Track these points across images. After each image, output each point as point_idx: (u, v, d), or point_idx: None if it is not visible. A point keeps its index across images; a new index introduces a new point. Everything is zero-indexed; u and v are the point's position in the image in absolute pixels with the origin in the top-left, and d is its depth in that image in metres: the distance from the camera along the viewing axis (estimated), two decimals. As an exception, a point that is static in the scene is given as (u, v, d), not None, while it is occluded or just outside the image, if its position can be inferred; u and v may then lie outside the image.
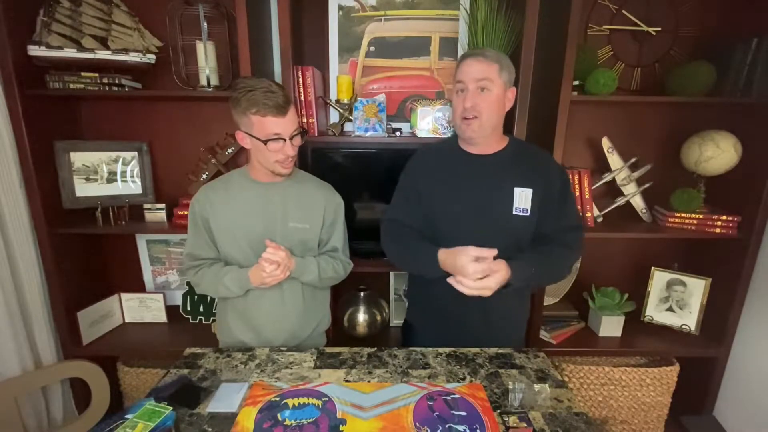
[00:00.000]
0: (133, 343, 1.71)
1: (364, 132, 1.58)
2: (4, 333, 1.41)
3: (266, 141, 1.08)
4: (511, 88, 1.14)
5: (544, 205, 1.15)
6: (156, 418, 0.82)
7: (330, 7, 1.69)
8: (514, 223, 1.14)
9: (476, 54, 1.10)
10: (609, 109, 1.76)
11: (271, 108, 1.04)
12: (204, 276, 1.20)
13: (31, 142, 1.44)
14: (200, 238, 1.21)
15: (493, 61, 1.09)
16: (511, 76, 1.13)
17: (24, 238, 1.47)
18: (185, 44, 1.63)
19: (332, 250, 1.30)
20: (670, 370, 1.66)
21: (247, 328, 1.26)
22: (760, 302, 1.60)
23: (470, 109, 1.10)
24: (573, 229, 1.18)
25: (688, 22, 1.67)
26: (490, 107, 1.10)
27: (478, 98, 1.09)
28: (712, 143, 1.54)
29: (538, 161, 1.19)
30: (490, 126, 1.12)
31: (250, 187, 1.20)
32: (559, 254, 1.15)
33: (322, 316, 1.36)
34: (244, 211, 1.19)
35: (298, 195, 1.23)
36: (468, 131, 1.13)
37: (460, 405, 0.95)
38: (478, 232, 1.14)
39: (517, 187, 1.14)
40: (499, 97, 1.11)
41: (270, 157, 1.11)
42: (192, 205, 1.21)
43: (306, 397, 0.97)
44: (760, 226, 1.55)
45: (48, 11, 1.43)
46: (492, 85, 1.09)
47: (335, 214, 1.29)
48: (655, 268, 1.80)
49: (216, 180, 1.25)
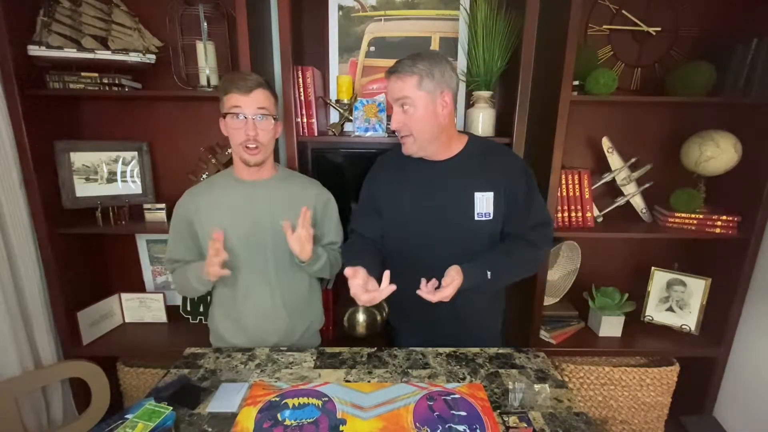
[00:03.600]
0: (133, 343, 1.71)
1: (364, 132, 1.58)
2: (4, 333, 1.41)
3: (225, 114, 1.11)
4: (444, 92, 1.05)
5: (509, 206, 1.12)
6: (156, 418, 0.82)
7: (330, 7, 1.69)
8: (476, 228, 1.13)
9: (392, 70, 1.05)
10: (609, 109, 1.76)
11: (234, 84, 1.10)
12: (176, 276, 1.23)
13: (31, 142, 1.44)
14: (179, 241, 1.22)
15: (408, 75, 1.02)
16: (437, 81, 1.03)
17: (24, 238, 1.47)
18: (185, 44, 1.63)
19: (330, 244, 1.31)
20: (670, 370, 1.66)
21: (238, 330, 1.25)
22: (760, 302, 1.60)
23: (399, 130, 1.08)
24: (539, 226, 1.15)
25: (688, 22, 1.67)
26: (417, 124, 1.05)
27: (403, 117, 1.06)
28: (712, 143, 1.54)
29: (499, 161, 1.14)
30: (425, 139, 1.08)
31: (236, 186, 1.20)
32: (520, 252, 1.13)
33: (314, 315, 1.36)
34: (230, 210, 1.18)
35: (285, 193, 1.22)
36: (405, 149, 1.12)
37: (460, 405, 0.95)
38: (441, 239, 1.14)
39: (477, 191, 1.11)
40: (425, 109, 1.04)
41: (234, 139, 1.13)
42: (176, 209, 1.21)
43: (306, 397, 0.97)
44: (760, 226, 1.55)
45: (48, 11, 1.43)
46: (412, 101, 1.03)
47: (325, 210, 1.29)
48: (655, 268, 1.80)
49: (200, 183, 1.25)
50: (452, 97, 1.08)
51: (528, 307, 1.67)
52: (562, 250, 1.81)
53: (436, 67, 1.03)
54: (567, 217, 1.63)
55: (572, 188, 1.61)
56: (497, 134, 1.60)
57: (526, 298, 1.69)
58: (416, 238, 1.17)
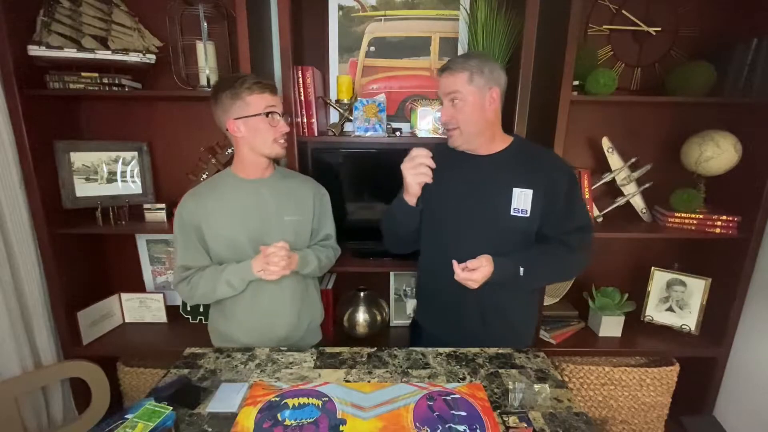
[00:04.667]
0: (133, 343, 1.71)
1: (364, 132, 1.58)
2: (4, 333, 1.41)
3: (267, 113, 1.13)
4: (492, 88, 1.10)
5: (548, 206, 1.13)
6: (156, 418, 0.82)
7: (330, 7, 1.69)
8: (511, 223, 1.14)
9: (444, 68, 1.12)
10: (609, 109, 1.76)
11: (266, 86, 1.13)
12: (199, 281, 1.17)
13: (31, 142, 1.44)
14: (191, 247, 1.19)
15: (460, 72, 1.08)
16: (488, 77, 1.09)
17: (24, 238, 1.47)
18: (185, 44, 1.63)
19: (326, 239, 1.36)
20: (670, 370, 1.66)
21: (245, 329, 1.26)
22: (760, 302, 1.60)
23: (447, 123, 1.14)
24: (578, 230, 1.16)
25: (688, 22, 1.67)
26: (465, 117, 1.11)
27: (452, 111, 1.12)
28: (712, 143, 1.54)
29: (543, 162, 1.17)
30: (471, 133, 1.13)
31: (242, 186, 1.21)
32: (557, 255, 1.14)
33: (316, 310, 1.38)
34: (240, 210, 1.19)
35: (287, 189, 1.25)
36: (451, 141, 1.17)
37: (460, 405, 0.95)
38: (476, 232, 1.15)
39: (515, 187, 1.13)
40: (474, 105, 1.10)
41: (269, 136, 1.14)
42: (179, 215, 1.18)
43: (306, 397, 0.97)
44: (760, 226, 1.55)
45: (48, 11, 1.43)
46: (462, 96, 1.09)
47: (323, 205, 1.34)
48: (655, 268, 1.80)
49: (200, 186, 1.23)
50: (500, 94, 1.13)
51: (528, 307, 1.66)
52: (562, 250, 1.81)
53: (486, 64, 1.10)
54: (567, 217, 1.62)
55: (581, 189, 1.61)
56: (497, 134, 1.60)
57: (526, 298, 1.68)
58: (452, 229, 1.19)
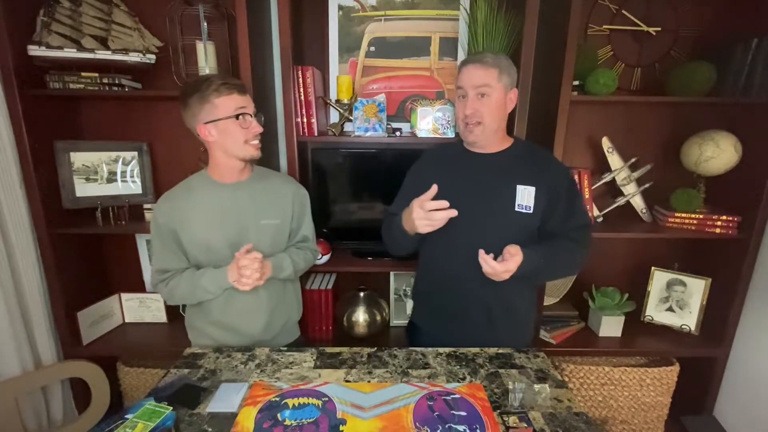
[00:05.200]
0: (133, 343, 1.71)
1: (364, 132, 1.58)
2: (4, 333, 1.41)
3: (237, 116, 1.10)
4: (513, 89, 1.15)
5: (550, 204, 1.15)
6: (156, 418, 0.82)
7: (330, 7, 1.69)
8: (516, 220, 1.15)
9: (475, 60, 1.12)
10: (609, 109, 1.76)
11: (234, 86, 1.10)
12: (178, 284, 1.17)
13: (31, 142, 1.44)
14: (168, 250, 1.18)
15: (491, 67, 1.10)
16: (511, 78, 1.13)
17: (24, 238, 1.47)
18: (185, 44, 1.63)
19: (303, 240, 1.34)
20: (670, 370, 1.66)
21: (219, 327, 1.25)
22: (760, 302, 1.60)
23: (471, 116, 1.13)
24: (581, 228, 1.19)
25: (688, 22, 1.67)
26: (490, 112, 1.12)
27: (477, 104, 1.11)
28: (712, 143, 1.54)
29: (544, 161, 1.20)
30: (492, 130, 1.15)
31: (218, 191, 1.18)
32: (567, 249, 1.16)
33: (292, 309, 1.37)
34: (216, 214, 1.17)
35: (265, 192, 1.23)
36: (470, 136, 1.16)
37: (460, 405, 0.95)
38: (481, 229, 1.16)
39: (519, 184, 1.15)
40: (499, 101, 1.12)
41: (240, 138, 1.12)
42: (154, 219, 1.17)
43: (306, 397, 0.97)
44: (760, 226, 1.55)
45: (48, 11, 1.43)
46: (491, 91, 1.10)
47: (302, 206, 1.32)
48: (655, 268, 1.80)
49: (175, 189, 1.21)
50: (516, 96, 1.17)
51: (528, 307, 1.66)
52: (562, 250, 1.81)
53: (511, 66, 1.14)
54: (567, 217, 1.63)
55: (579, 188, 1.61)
56: (497, 134, 1.60)
57: (526, 298, 1.68)
58: (457, 226, 1.17)
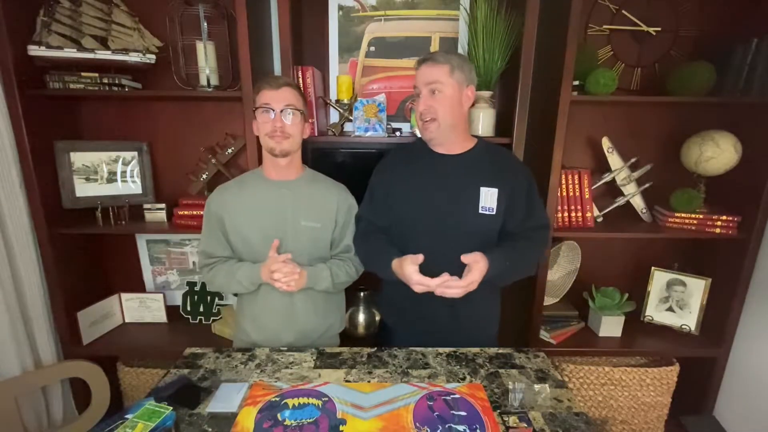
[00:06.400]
0: (133, 343, 1.70)
1: (364, 132, 1.58)
2: (4, 333, 1.41)
3: (255, 109, 1.17)
4: (470, 86, 1.15)
5: (511, 204, 1.17)
6: (156, 418, 0.82)
7: (330, 7, 1.69)
8: (479, 222, 1.16)
9: (426, 59, 1.14)
10: (609, 109, 1.76)
11: (265, 83, 1.17)
12: (218, 273, 1.23)
13: (31, 142, 1.44)
14: (213, 236, 1.25)
15: (442, 63, 1.11)
16: (466, 75, 1.14)
17: (24, 238, 1.47)
18: (185, 44, 1.63)
19: (345, 251, 1.31)
20: (670, 370, 1.66)
21: (257, 328, 1.28)
22: (760, 302, 1.60)
23: (425, 113, 1.14)
24: (539, 228, 1.21)
25: (688, 22, 1.67)
26: (444, 108, 1.13)
27: (431, 101, 1.13)
28: (712, 143, 1.54)
29: (504, 161, 1.22)
30: (447, 125, 1.15)
31: (263, 186, 1.24)
32: (527, 249, 1.17)
33: (334, 319, 1.37)
34: (255, 209, 1.22)
35: (310, 194, 1.25)
36: (426, 133, 1.17)
37: (460, 405, 0.95)
38: (445, 231, 1.17)
39: (483, 186, 1.16)
40: (453, 98, 1.13)
41: (263, 131, 1.17)
42: (208, 205, 1.25)
43: (306, 397, 0.97)
44: (760, 226, 1.55)
45: (48, 11, 1.43)
46: (443, 87, 1.11)
47: (348, 215, 1.30)
48: (655, 268, 1.80)
49: (231, 181, 1.29)
50: (474, 94, 1.17)
51: (528, 307, 1.67)
52: (562, 250, 1.81)
53: (465, 63, 1.15)
54: (567, 217, 1.63)
55: (572, 188, 1.61)
56: (497, 134, 1.60)
57: (526, 298, 1.69)
58: (422, 228, 1.19)
